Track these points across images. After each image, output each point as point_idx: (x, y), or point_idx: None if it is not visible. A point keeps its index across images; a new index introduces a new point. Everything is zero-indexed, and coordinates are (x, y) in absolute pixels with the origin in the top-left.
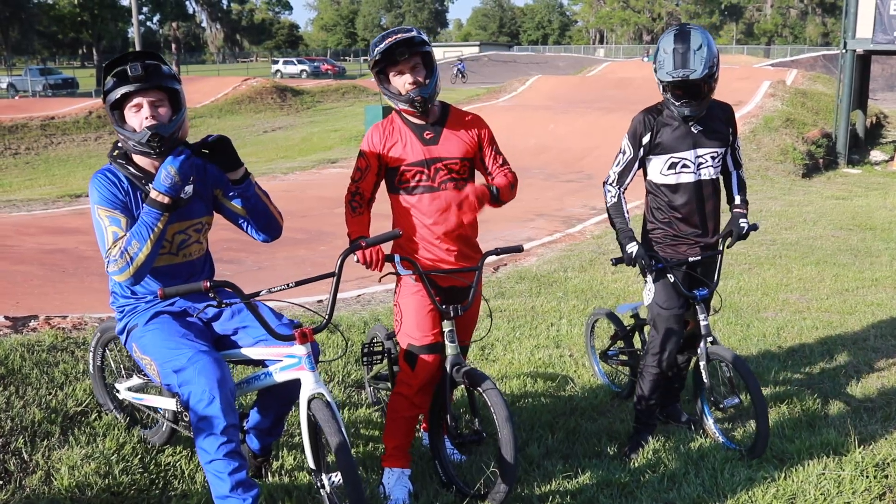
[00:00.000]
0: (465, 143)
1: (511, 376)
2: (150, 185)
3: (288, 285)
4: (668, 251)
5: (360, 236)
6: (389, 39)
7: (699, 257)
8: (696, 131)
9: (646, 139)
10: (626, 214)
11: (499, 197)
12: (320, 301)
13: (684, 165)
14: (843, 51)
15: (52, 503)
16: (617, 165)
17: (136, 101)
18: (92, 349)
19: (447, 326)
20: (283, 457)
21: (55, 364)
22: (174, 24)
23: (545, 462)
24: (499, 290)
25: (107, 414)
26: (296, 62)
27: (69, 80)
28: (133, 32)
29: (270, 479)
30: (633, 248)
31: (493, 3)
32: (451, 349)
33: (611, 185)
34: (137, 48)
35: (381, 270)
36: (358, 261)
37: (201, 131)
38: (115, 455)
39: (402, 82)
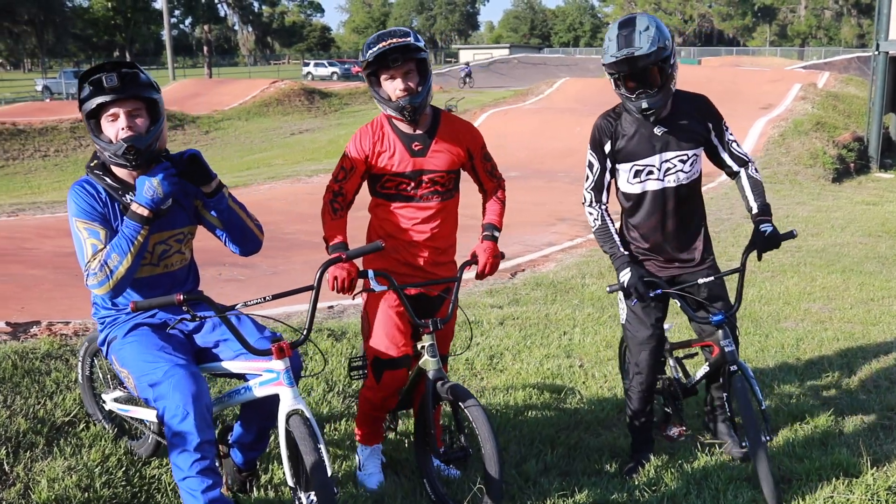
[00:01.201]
0: (454, 156)
1: (517, 387)
2: (129, 195)
3: (265, 298)
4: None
5: (338, 244)
6: (384, 43)
7: (710, 278)
8: (659, 133)
9: (607, 147)
10: (615, 236)
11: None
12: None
13: (649, 172)
14: (876, 53)
15: None
16: (588, 182)
17: (112, 110)
18: (80, 359)
19: (427, 340)
20: (273, 470)
21: (47, 372)
22: (206, 27)
23: (542, 479)
24: (514, 296)
25: (95, 424)
26: (326, 64)
27: None
28: (165, 35)
29: (256, 493)
30: (625, 275)
31: (525, 5)
32: (432, 364)
33: (589, 206)
34: (168, 51)
35: (351, 294)
36: (331, 287)
37: (228, 134)
38: (100, 467)
39: (393, 88)
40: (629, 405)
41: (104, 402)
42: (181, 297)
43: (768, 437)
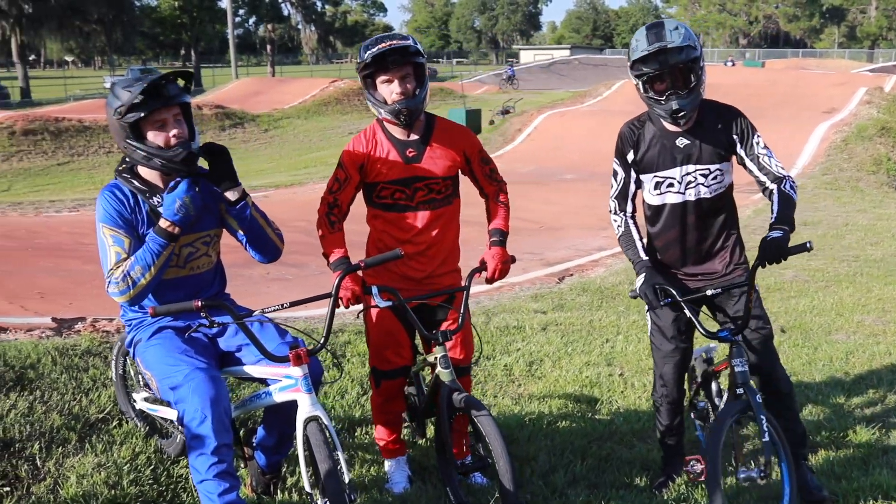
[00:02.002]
0: (449, 161)
1: (554, 395)
2: (156, 198)
3: (282, 305)
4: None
5: (340, 259)
6: (383, 45)
7: (719, 290)
8: (682, 145)
9: (630, 156)
10: (637, 242)
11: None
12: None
13: (670, 184)
14: None
15: None
16: (612, 190)
17: (160, 117)
18: (114, 357)
19: (439, 352)
20: (299, 473)
21: (85, 369)
22: (270, 26)
23: (569, 490)
24: (559, 301)
25: (127, 422)
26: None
27: None
28: (229, 34)
29: (280, 496)
30: (639, 280)
31: (587, 5)
32: (446, 375)
33: (613, 214)
34: (231, 50)
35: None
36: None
37: (287, 132)
38: (129, 465)
39: (389, 91)
40: (658, 419)
41: (135, 400)
42: (199, 303)
43: (764, 473)
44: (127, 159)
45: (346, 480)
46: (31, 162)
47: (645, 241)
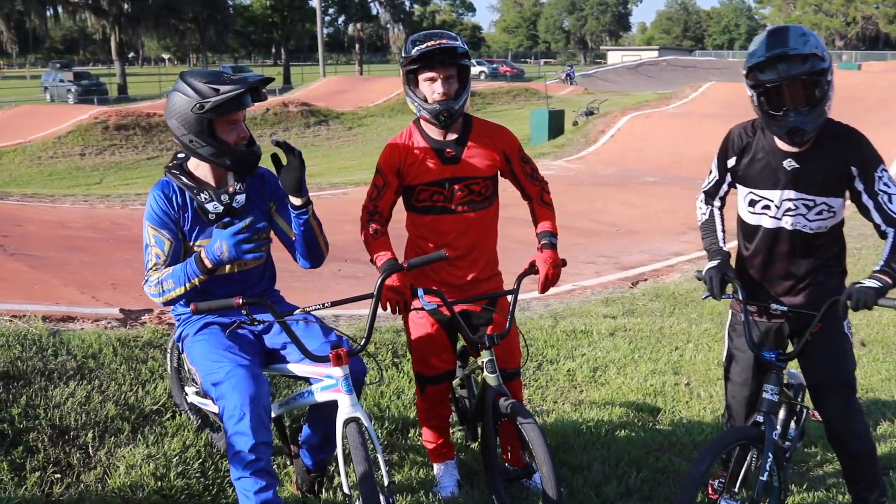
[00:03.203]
0: (489, 161)
1: (615, 403)
2: (203, 194)
3: (323, 305)
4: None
5: (391, 259)
6: (432, 43)
7: (784, 308)
8: (789, 167)
9: (731, 162)
10: (719, 232)
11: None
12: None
13: (765, 206)
14: None
15: (103, 501)
16: (704, 184)
17: (235, 117)
18: (169, 350)
19: (486, 356)
20: (350, 473)
21: (144, 360)
22: (358, 25)
23: (620, 502)
24: (630, 306)
25: (181, 415)
26: (475, 63)
27: None
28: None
29: (325, 495)
30: (710, 264)
31: (678, 6)
32: (492, 380)
33: (701, 202)
34: (320, 48)
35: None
36: (383, 307)
37: (371, 130)
38: (178, 457)
39: (431, 90)
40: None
41: (187, 393)
42: (240, 300)
43: None
44: (179, 155)
45: (387, 483)
46: (122, 156)
47: (723, 231)
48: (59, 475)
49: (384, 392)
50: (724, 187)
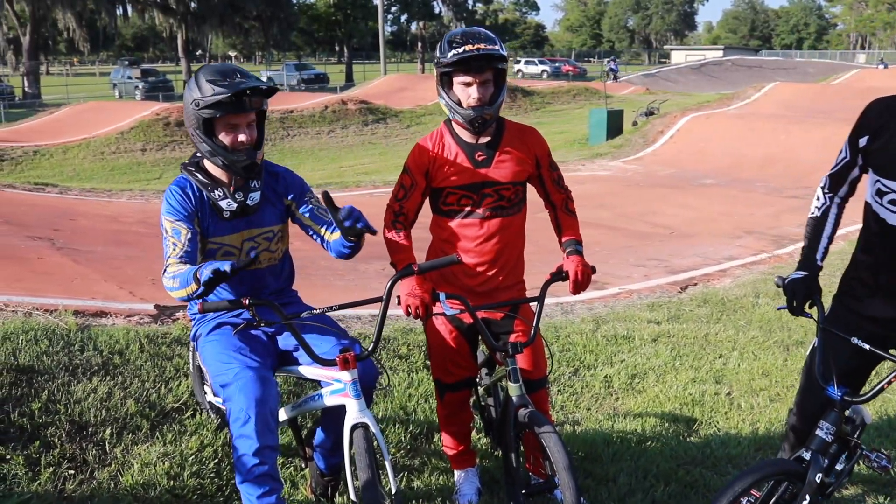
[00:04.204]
0: (521, 166)
1: (650, 412)
2: (217, 192)
3: (331, 308)
4: (851, 312)
5: (409, 263)
6: (472, 46)
7: (867, 347)
8: None
9: (863, 141)
10: (824, 240)
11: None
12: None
13: (893, 201)
14: None
15: (115, 499)
16: (833, 167)
17: (235, 120)
18: (191, 349)
19: (509, 365)
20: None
21: (170, 358)
22: (421, 24)
23: None
24: (676, 312)
25: (201, 413)
26: (537, 62)
27: (321, 76)
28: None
29: (339, 499)
30: (797, 274)
31: (746, 5)
32: (514, 390)
33: (822, 189)
34: (381, 47)
35: (423, 317)
36: (405, 312)
37: (428, 128)
38: (194, 457)
39: (466, 94)
40: (784, 444)
41: (206, 392)
42: (247, 300)
43: None
44: (197, 154)
45: (394, 490)
46: (182, 152)
47: (829, 240)
48: (73, 471)
49: (412, 395)
50: (855, 171)
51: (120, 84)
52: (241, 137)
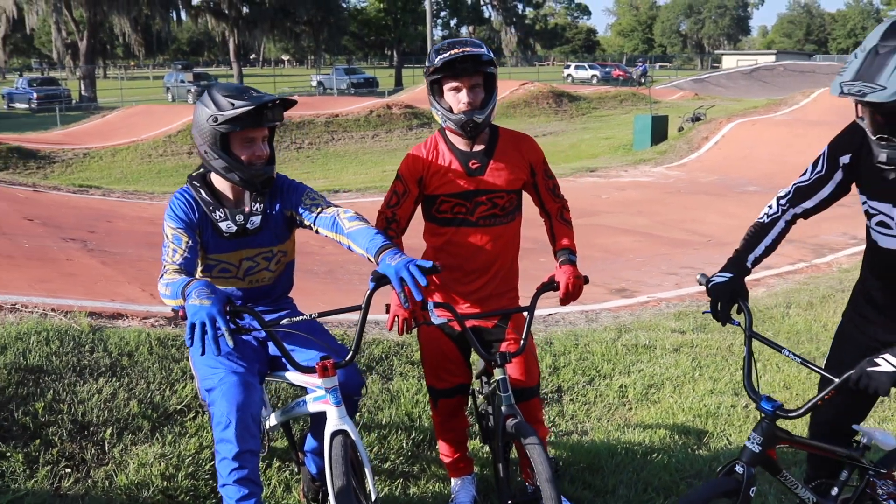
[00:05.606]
0: (516, 173)
1: (662, 424)
2: (218, 212)
3: (310, 316)
4: (855, 332)
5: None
6: (456, 50)
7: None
8: (891, 178)
9: (845, 159)
10: (763, 242)
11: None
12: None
13: (881, 223)
14: None
15: (108, 498)
16: (802, 179)
17: (252, 134)
18: None
19: (498, 375)
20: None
21: (178, 360)
22: (471, 28)
23: None
24: (702, 321)
25: (204, 415)
26: (587, 67)
27: (370, 80)
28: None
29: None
30: (720, 276)
31: (801, 9)
32: (503, 399)
33: (778, 198)
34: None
35: (409, 330)
36: (389, 327)
37: None
38: (192, 458)
39: (457, 100)
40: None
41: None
42: (227, 307)
43: None
44: (203, 168)
45: (373, 497)
46: None
47: (766, 249)
48: (70, 469)
49: (419, 401)
50: (829, 187)
51: (173, 88)
52: (258, 151)
